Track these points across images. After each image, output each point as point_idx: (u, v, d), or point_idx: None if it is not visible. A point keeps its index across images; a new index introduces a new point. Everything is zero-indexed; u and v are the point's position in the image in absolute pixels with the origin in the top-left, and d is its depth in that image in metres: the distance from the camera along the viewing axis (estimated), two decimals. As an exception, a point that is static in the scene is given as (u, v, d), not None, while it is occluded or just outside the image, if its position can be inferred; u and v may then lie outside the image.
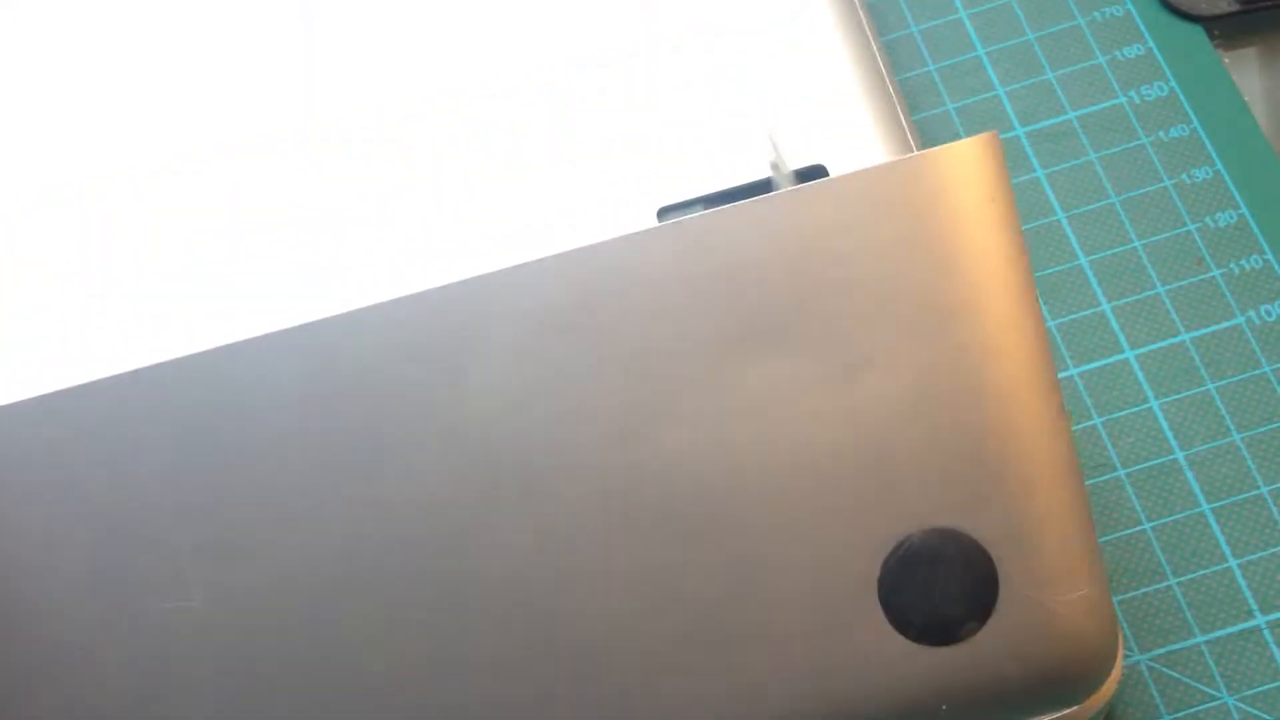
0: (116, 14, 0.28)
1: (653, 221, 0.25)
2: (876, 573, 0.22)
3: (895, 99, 0.26)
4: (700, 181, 0.25)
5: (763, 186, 0.25)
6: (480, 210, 0.26)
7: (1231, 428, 0.26)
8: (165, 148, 0.27)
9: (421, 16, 0.27)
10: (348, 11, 0.28)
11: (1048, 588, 0.22)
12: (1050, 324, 0.27)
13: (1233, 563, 0.25)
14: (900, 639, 0.21)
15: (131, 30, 0.28)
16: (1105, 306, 0.27)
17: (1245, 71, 0.29)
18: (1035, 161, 0.29)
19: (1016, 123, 0.29)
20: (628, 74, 0.26)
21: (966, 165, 0.22)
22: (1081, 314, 0.27)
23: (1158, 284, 0.27)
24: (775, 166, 0.24)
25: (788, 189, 0.22)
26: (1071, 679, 0.22)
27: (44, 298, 0.26)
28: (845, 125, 0.25)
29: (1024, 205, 0.28)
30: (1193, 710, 0.24)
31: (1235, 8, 0.30)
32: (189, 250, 0.26)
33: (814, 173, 0.25)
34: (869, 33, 0.27)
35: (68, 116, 0.27)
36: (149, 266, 0.26)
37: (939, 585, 0.22)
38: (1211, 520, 0.25)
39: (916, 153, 0.23)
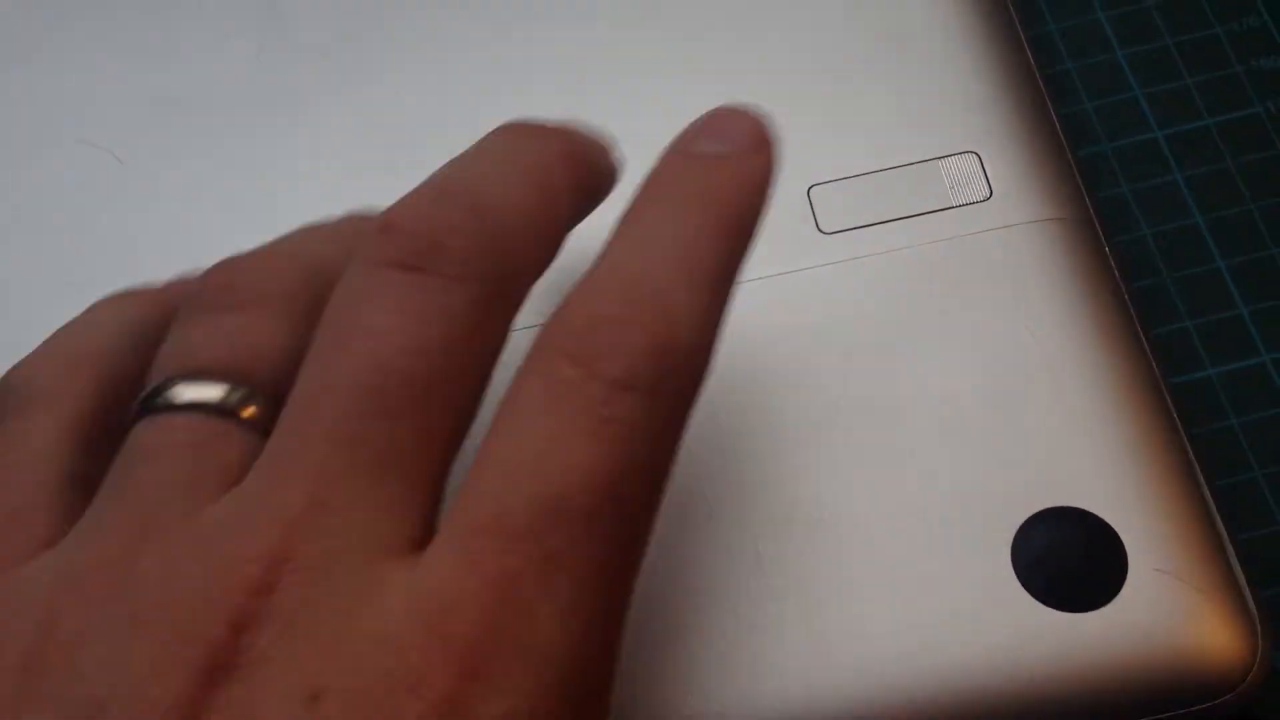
0: None
1: (803, 199, 0.25)
2: (1011, 539, 0.22)
3: (1044, 93, 0.27)
4: (850, 161, 0.26)
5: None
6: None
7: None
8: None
9: None
10: None
11: (1175, 566, 0.22)
12: (1188, 323, 0.27)
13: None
14: (1032, 602, 0.22)
15: None
16: (1243, 310, 0.27)
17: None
18: (1174, 164, 0.29)
19: (1155, 125, 0.30)
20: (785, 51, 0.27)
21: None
22: (1219, 316, 0.27)
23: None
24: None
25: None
26: (1207, 663, 0.22)
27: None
28: (998, 117, 0.26)
29: (1162, 206, 0.29)
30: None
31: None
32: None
33: (968, 158, 0.25)
34: (1019, 29, 0.27)
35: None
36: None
37: (1071, 554, 0.22)
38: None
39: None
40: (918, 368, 0.24)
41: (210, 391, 0.17)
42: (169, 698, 0.15)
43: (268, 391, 0.17)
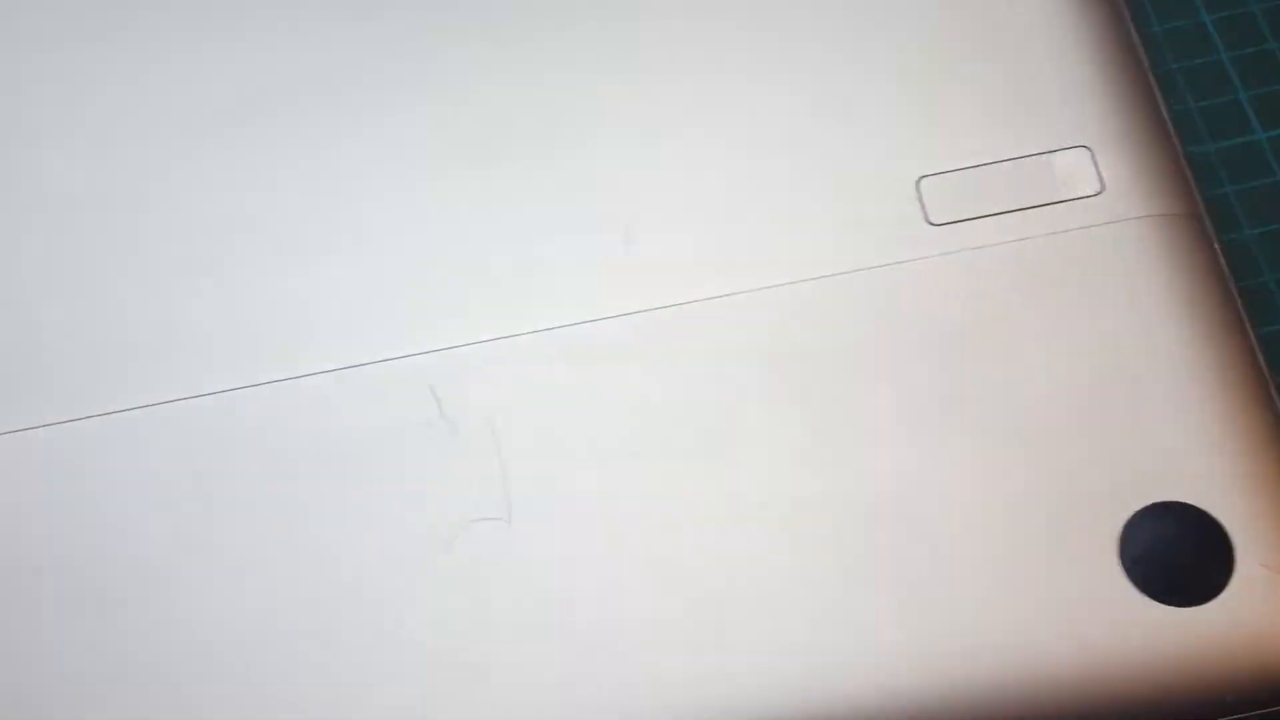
0: None
1: (912, 190, 0.25)
2: (1118, 532, 0.22)
3: (1155, 90, 0.27)
4: (961, 153, 0.26)
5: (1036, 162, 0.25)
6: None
7: None
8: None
9: None
10: None
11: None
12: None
13: None
14: (1139, 596, 0.22)
15: None
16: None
17: None
18: (1277, 166, 0.29)
19: (1258, 128, 0.30)
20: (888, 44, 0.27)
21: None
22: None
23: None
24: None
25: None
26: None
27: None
28: (1110, 111, 0.26)
29: (1265, 208, 0.29)
30: None
31: None
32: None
33: (1080, 153, 0.25)
34: (1129, 24, 0.27)
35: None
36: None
37: (1178, 548, 0.22)
38: None
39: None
40: (1026, 360, 0.24)
41: None
42: None
43: None
